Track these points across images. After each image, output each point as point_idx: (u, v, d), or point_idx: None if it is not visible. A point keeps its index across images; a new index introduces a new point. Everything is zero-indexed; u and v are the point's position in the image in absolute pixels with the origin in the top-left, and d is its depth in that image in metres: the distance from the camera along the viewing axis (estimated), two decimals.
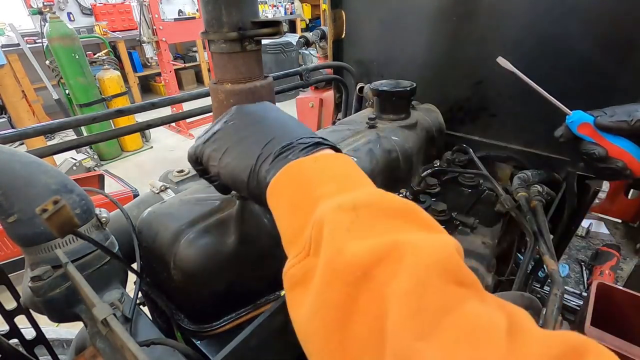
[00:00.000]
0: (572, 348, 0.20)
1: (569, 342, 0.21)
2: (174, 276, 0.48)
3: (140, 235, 0.52)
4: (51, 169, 0.43)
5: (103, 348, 0.42)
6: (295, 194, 0.33)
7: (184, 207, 0.52)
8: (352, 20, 1.13)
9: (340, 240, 0.27)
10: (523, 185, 0.81)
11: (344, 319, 0.25)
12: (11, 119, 3.28)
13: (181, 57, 5.81)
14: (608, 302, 0.98)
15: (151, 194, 0.61)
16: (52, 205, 0.31)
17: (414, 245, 0.25)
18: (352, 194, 0.31)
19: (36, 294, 0.42)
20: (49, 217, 0.31)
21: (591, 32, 0.75)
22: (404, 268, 0.24)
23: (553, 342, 0.20)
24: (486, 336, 0.21)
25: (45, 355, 0.68)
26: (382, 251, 0.25)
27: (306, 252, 0.30)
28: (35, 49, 3.54)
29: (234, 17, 0.60)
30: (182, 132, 4.25)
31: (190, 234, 0.48)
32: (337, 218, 0.28)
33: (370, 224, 0.28)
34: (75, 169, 2.97)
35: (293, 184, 0.34)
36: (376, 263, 0.25)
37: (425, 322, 0.22)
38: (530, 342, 0.21)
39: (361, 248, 0.25)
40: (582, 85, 0.79)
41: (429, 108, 1.01)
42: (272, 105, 0.47)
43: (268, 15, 6.23)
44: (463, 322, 0.22)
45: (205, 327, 0.51)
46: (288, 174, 0.34)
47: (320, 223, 0.29)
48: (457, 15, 0.91)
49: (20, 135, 0.66)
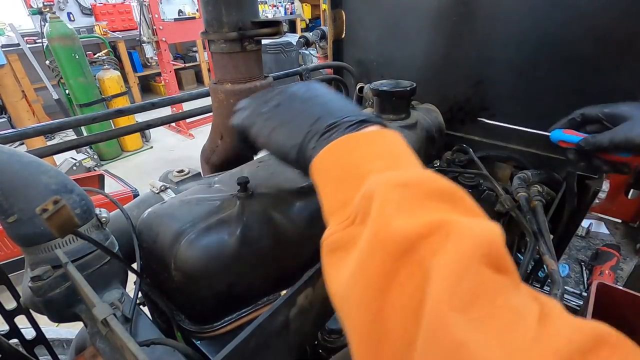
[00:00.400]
0: (600, 337, 0.20)
1: (597, 331, 0.21)
2: (175, 277, 0.48)
3: (141, 236, 0.52)
4: (51, 169, 0.43)
5: (103, 348, 0.42)
6: (342, 169, 0.35)
7: (184, 208, 0.52)
8: (352, 20, 1.13)
9: (389, 214, 0.28)
10: (523, 185, 0.81)
11: (385, 287, 0.26)
12: (11, 119, 3.28)
13: (181, 57, 5.81)
14: (608, 302, 0.98)
15: (151, 194, 0.61)
16: (52, 205, 0.31)
17: (461, 226, 0.26)
18: (404, 171, 0.32)
19: (36, 294, 0.42)
20: (49, 217, 0.31)
21: (591, 32, 0.75)
22: (449, 246, 0.24)
23: (583, 329, 0.21)
24: (517, 319, 0.22)
25: (45, 355, 0.68)
26: (429, 228, 0.26)
27: (351, 221, 0.31)
28: (35, 49, 3.54)
29: (234, 17, 0.60)
30: (182, 132, 4.25)
31: (191, 235, 0.48)
32: (387, 192, 0.29)
33: (419, 201, 0.29)
34: (75, 169, 2.97)
35: (340, 160, 0.35)
36: (422, 238, 0.26)
37: (463, 299, 0.22)
38: (560, 326, 0.21)
39: (408, 223, 0.26)
40: (582, 85, 0.79)
41: (429, 108, 1.01)
42: (316, 84, 0.47)
43: (268, 15, 6.23)
44: (497, 304, 0.23)
45: (205, 328, 0.51)
46: (333, 151, 0.36)
47: (370, 195, 0.30)
48: (457, 15, 0.91)
49: (20, 135, 0.66)
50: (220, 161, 0.75)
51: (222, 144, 0.72)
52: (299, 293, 0.49)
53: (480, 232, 0.26)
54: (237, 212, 0.52)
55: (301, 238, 0.55)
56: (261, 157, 0.71)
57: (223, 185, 0.60)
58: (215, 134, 0.73)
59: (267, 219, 0.53)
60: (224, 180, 0.62)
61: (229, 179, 0.62)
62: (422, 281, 0.24)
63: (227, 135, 0.71)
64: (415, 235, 0.26)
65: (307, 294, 0.50)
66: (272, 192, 0.57)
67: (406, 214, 0.27)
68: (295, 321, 0.50)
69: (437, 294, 0.23)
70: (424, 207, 0.28)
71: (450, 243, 0.25)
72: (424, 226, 0.26)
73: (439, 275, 0.23)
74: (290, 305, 0.48)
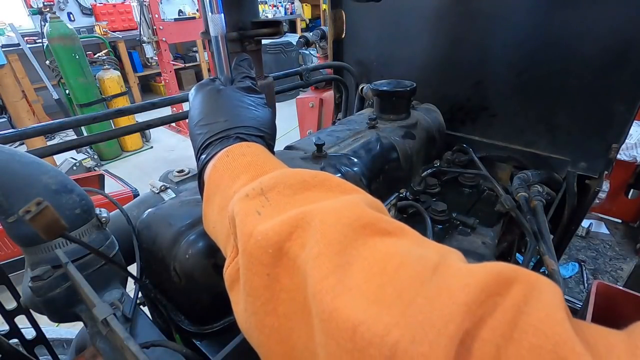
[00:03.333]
0: (497, 277, 0.19)
1: (494, 271, 0.20)
2: (174, 278, 0.48)
3: (140, 236, 0.52)
4: (51, 169, 0.43)
5: (103, 348, 0.42)
6: (219, 197, 0.34)
7: (184, 209, 0.52)
8: (352, 20, 1.13)
9: (251, 225, 0.27)
10: (523, 185, 0.81)
11: (271, 301, 0.25)
12: (11, 119, 3.28)
13: (181, 57, 5.81)
14: (608, 302, 0.98)
15: (151, 194, 0.61)
16: (35, 206, 0.31)
17: (320, 211, 0.25)
18: (258, 180, 0.31)
19: (36, 294, 0.42)
20: (32, 218, 0.31)
21: (591, 32, 0.75)
22: (312, 234, 0.24)
23: (477, 272, 0.20)
24: (410, 269, 0.21)
25: (45, 355, 0.68)
26: (291, 225, 0.25)
27: (236, 251, 0.29)
28: (35, 49, 3.53)
29: (234, 17, 0.60)
30: (182, 132, 4.24)
31: (190, 236, 0.48)
32: (246, 206, 0.28)
33: (281, 203, 0.28)
34: (75, 169, 2.97)
35: (211, 187, 0.36)
36: (286, 237, 0.25)
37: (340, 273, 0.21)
38: (455, 273, 0.20)
39: (269, 227, 0.25)
40: (582, 85, 0.79)
41: (429, 108, 1.01)
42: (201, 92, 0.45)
43: (268, 15, 6.23)
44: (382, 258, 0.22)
45: (205, 328, 0.51)
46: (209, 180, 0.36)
47: (232, 216, 0.29)
48: (457, 15, 0.91)
49: (20, 135, 0.66)
50: None
51: None
52: None
53: (342, 207, 0.25)
54: None
55: None
56: None
57: None
58: None
59: None
60: None
61: None
62: (300, 281, 0.24)
63: None
64: (278, 236, 0.25)
65: None
66: None
67: (267, 219, 0.27)
68: None
69: (316, 285, 0.22)
70: (286, 207, 0.28)
71: (312, 231, 0.24)
72: (284, 224, 0.25)
73: (311, 267, 0.22)
74: None
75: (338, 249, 0.22)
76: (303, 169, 0.31)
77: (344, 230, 0.23)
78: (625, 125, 0.77)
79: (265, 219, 0.27)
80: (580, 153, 0.85)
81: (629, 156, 1.87)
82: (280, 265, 0.25)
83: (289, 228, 0.25)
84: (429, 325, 0.18)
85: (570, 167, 0.86)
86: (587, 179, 0.86)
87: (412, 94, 0.87)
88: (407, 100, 0.88)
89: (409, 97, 0.87)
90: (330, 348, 0.20)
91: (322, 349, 0.21)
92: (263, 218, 0.27)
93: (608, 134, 0.80)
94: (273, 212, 0.27)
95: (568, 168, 0.86)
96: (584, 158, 0.85)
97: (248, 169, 0.34)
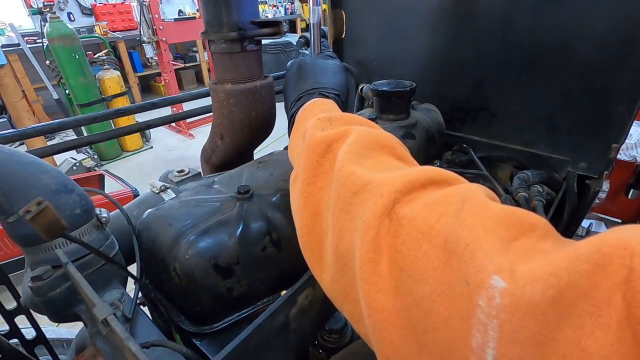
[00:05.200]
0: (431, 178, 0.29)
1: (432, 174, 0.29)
2: (174, 278, 0.48)
3: (140, 236, 0.52)
4: (51, 169, 0.43)
5: (103, 348, 0.42)
6: (301, 129, 0.47)
7: (184, 209, 0.52)
8: (352, 20, 1.13)
9: (314, 132, 0.40)
10: (523, 185, 0.81)
11: (315, 176, 0.38)
12: (11, 119, 3.28)
13: (181, 57, 5.81)
14: None
15: (151, 194, 0.61)
16: (35, 206, 0.31)
17: (362, 128, 0.38)
18: (329, 114, 0.44)
19: (36, 294, 0.42)
20: (33, 218, 0.31)
21: (591, 32, 0.75)
22: (349, 137, 0.37)
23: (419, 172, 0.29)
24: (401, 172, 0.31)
25: (45, 355, 0.68)
26: (340, 133, 0.38)
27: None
28: (35, 49, 3.53)
29: (234, 17, 0.60)
30: (182, 132, 4.24)
31: (190, 236, 0.48)
32: (315, 124, 0.42)
33: (335, 123, 0.42)
34: (75, 169, 2.97)
35: (299, 123, 0.50)
36: (334, 140, 0.38)
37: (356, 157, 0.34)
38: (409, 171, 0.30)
39: (326, 134, 0.39)
40: (582, 85, 0.79)
41: (429, 108, 1.01)
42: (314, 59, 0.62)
43: (268, 15, 6.23)
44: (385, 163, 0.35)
45: (205, 328, 0.51)
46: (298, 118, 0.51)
47: (305, 130, 0.43)
48: (457, 16, 0.91)
49: (20, 135, 0.66)
50: (220, 161, 0.75)
51: (222, 144, 0.72)
52: (299, 293, 0.49)
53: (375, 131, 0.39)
54: (236, 213, 0.52)
55: None
56: (261, 158, 0.71)
57: (223, 186, 0.60)
58: (215, 134, 0.73)
59: (267, 220, 0.53)
60: (223, 181, 0.62)
61: (228, 180, 0.62)
62: (335, 164, 0.36)
63: (227, 135, 0.71)
64: (329, 139, 0.38)
65: (307, 294, 0.50)
66: (271, 193, 0.57)
67: (326, 130, 0.40)
68: (295, 321, 0.50)
69: (341, 160, 0.34)
70: (338, 126, 0.41)
71: (350, 136, 0.37)
72: (336, 132, 0.38)
73: (342, 152, 0.35)
74: (290, 305, 0.48)
75: (360, 153, 0.35)
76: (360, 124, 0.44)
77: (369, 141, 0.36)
78: (625, 126, 0.77)
79: (323, 130, 0.40)
80: (580, 153, 0.85)
81: (629, 156, 1.87)
82: (326, 156, 0.38)
83: (337, 134, 0.38)
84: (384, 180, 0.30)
85: (570, 167, 0.86)
86: (587, 179, 0.86)
87: (412, 94, 0.87)
88: (406, 101, 0.88)
89: (408, 97, 0.87)
90: (336, 185, 0.34)
91: (332, 191, 0.34)
92: (322, 129, 0.41)
93: (608, 134, 0.80)
94: (329, 127, 0.41)
95: (568, 168, 0.86)
96: (584, 158, 0.85)
97: (324, 111, 0.47)
